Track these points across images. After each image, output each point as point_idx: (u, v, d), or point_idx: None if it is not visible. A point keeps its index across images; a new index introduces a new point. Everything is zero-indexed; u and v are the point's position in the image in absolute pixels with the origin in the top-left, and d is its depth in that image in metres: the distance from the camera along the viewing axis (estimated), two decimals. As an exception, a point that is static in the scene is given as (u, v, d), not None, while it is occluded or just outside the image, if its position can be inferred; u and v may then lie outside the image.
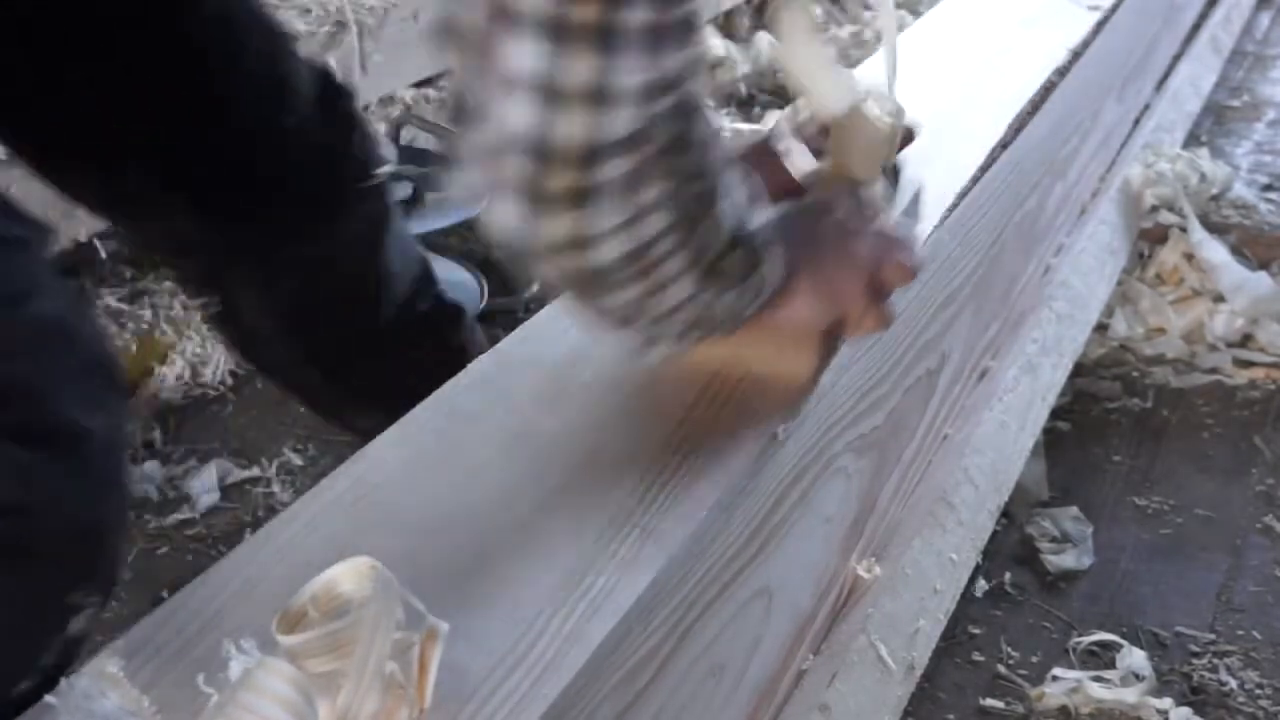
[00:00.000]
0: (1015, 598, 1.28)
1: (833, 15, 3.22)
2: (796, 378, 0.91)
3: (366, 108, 2.21)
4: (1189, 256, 1.76)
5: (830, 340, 0.92)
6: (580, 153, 0.65)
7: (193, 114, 1.03)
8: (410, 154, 1.82)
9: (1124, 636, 1.21)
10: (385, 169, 1.17)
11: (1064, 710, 1.14)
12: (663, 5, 0.63)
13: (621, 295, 0.74)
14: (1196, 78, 2.33)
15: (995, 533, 1.27)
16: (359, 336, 1.24)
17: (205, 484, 1.45)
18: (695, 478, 0.81)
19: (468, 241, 1.90)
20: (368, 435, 0.85)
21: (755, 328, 0.84)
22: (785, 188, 0.90)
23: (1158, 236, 1.80)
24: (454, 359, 0.98)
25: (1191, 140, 2.22)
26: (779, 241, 0.81)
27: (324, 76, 1.14)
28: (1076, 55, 1.67)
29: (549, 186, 0.66)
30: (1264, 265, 1.78)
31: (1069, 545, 1.33)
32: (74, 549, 0.76)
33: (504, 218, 0.69)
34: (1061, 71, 1.60)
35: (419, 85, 2.32)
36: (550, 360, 0.92)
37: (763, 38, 2.89)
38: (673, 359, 0.86)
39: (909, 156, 1.03)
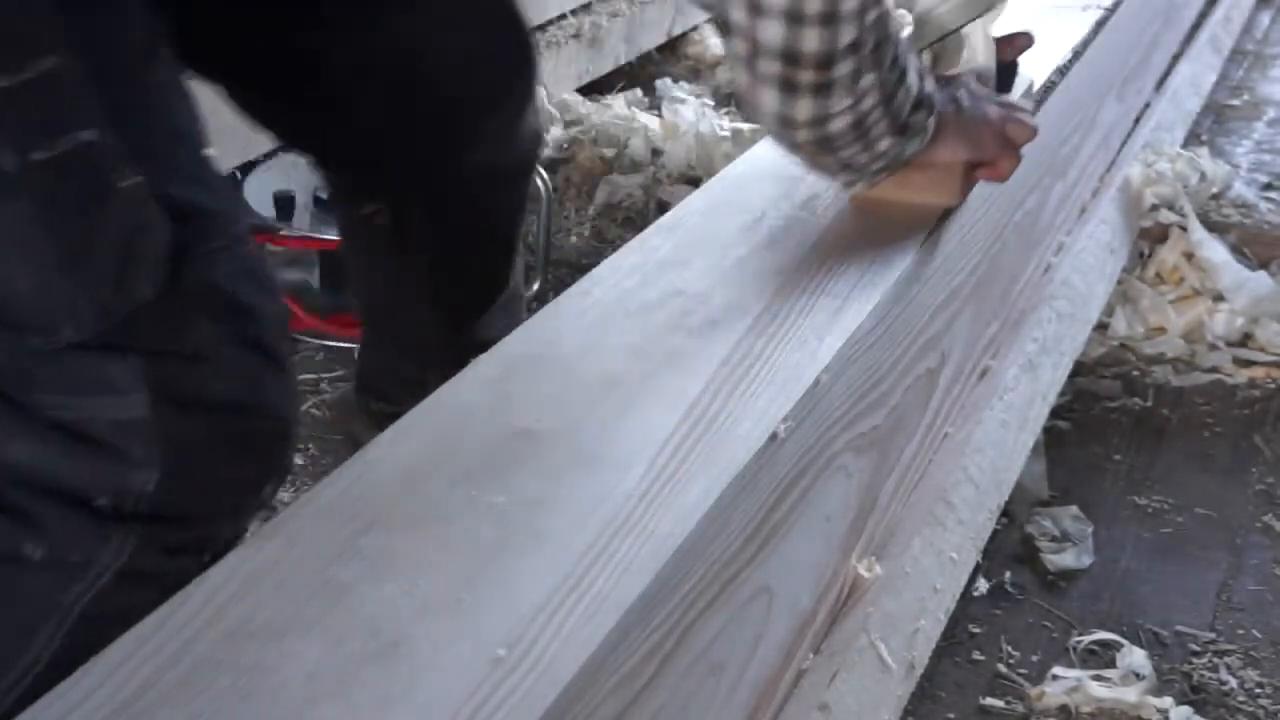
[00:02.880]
0: (1015, 597, 1.28)
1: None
2: (946, 200, 1.18)
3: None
4: (1189, 256, 1.76)
5: (970, 178, 1.18)
6: (819, 59, 0.93)
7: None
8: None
9: (1124, 635, 1.22)
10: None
11: (1064, 709, 1.14)
12: None
13: (845, 153, 1.03)
14: (1196, 77, 2.33)
15: (995, 532, 1.27)
16: (494, 286, 1.32)
17: (205, 483, 1.45)
18: (695, 477, 0.81)
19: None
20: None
21: (916, 164, 1.11)
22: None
23: (1158, 236, 1.80)
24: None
25: (1192, 139, 2.22)
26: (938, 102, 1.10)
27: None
28: (1077, 54, 1.67)
29: (799, 81, 0.95)
30: (1264, 264, 1.79)
31: (1069, 544, 1.33)
32: (277, 447, 0.90)
33: (764, 103, 0.98)
34: (1062, 71, 1.60)
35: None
36: (551, 359, 0.92)
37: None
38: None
39: (1022, 61, 1.32)
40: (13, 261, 0.78)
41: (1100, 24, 1.79)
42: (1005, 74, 1.29)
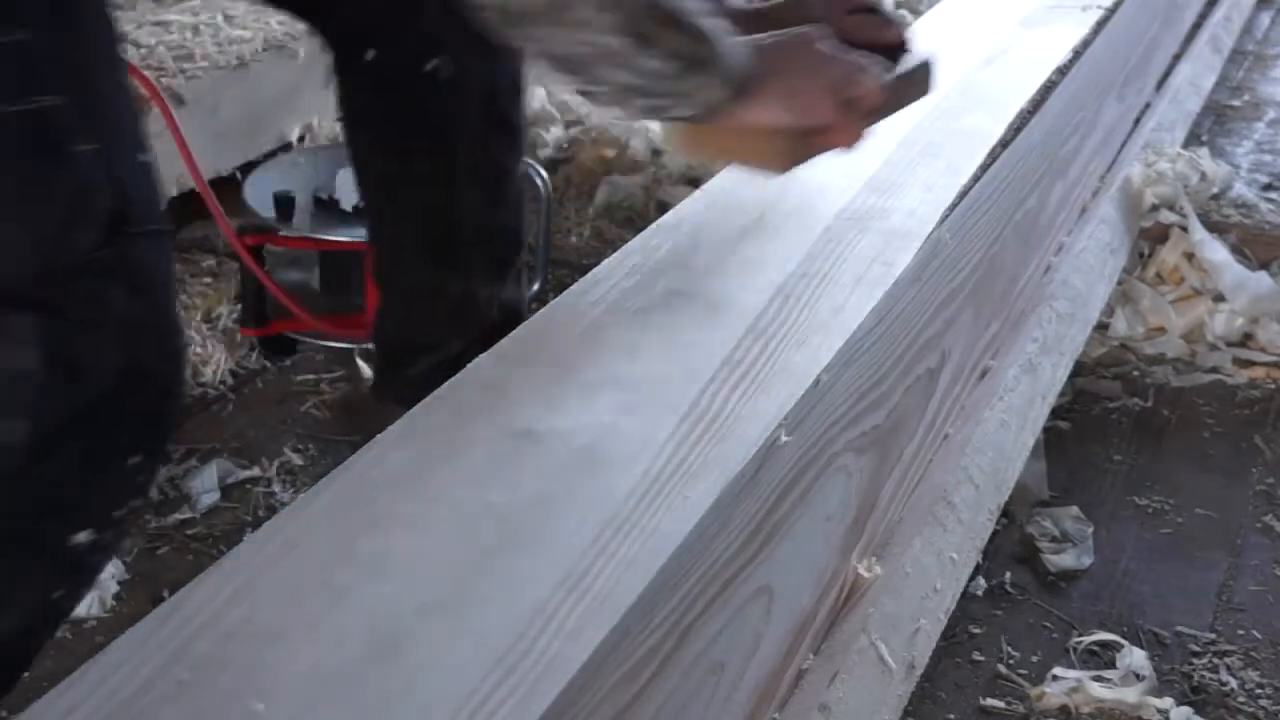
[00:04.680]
0: (1015, 597, 1.28)
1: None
2: (773, 168, 1.08)
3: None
4: (1189, 256, 1.76)
5: (805, 145, 1.05)
6: None
7: None
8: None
9: (1124, 636, 1.22)
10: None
11: (1064, 710, 1.14)
12: None
13: (538, 33, 0.89)
14: (1197, 77, 2.33)
15: (995, 532, 1.27)
16: (514, 251, 1.32)
17: (206, 484, 1.45)
18: (695, 477, 0.81)
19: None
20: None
21: (729, 123, 0.99)
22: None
23: (1158, 236, 1.80)
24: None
25: (1192, 139, 2.22)
26: (750, 50, 0.96)
27: None
28: (1077, 54, 1.67)
29: None
30: (1264, 264, 1.78)
31: (1069, 545, 1.33)
32: (152, 430, 0.89)
33: None
34: (1062, 70, 1.60)
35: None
36: (551, 359, 0.92)
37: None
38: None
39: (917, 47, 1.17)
40: None
41: (1100, 24, 1.79)
42: (891, 56, 1.14)
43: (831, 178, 1.23)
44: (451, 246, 1.30)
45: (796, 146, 1.05)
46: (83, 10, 0.86)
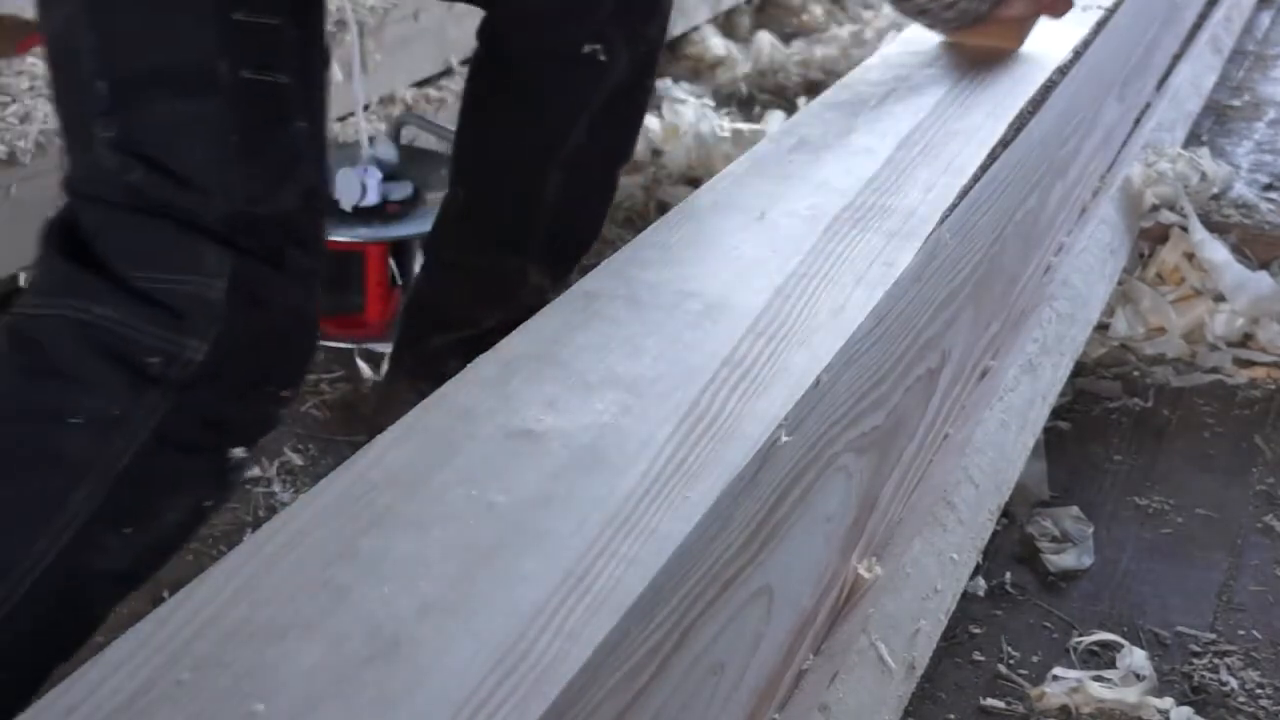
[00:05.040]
0: (1015, 597, 1.28)
1: (833, 15, 3.22)
2: (1012, 44, 1.54)
3: (367, 107, 2.21)
4: (1190, 256, 1.76)
5: (1030, 27, 1.54)
6: None
7: None
8: (410, 154, 1.82)
9: (1124, 636, 1.21)
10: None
11: (1064, 710, 1.14)
12: None
13: None
14: (1197, 77, 2.33)
15: (995, 532, 1.27)
16: (593, 233, 1.44)
17: (206, 484, 1.45)
18: (695, 477, 0.81)
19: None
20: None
21: (988, 20, 1.46)
22: None
23: (1158, 236, 1.80)
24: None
25: (1192, 139, 2.22)
26: None
27: None
28: (1077, 54, 1.67)
29: None
30: (1264, 265, 1.78)
31: (1069, 545, 1.33)
32: (304, 358, 1.06)
33: None
34: (1062, 70, 1.60)
35: (419, 85, 2.32)
36: (551, 359, 0.92)
37: (763, 37, 2.89)
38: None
39: None
40: (199, 137, 0.96)
41: (1101, 24, 1.79)
42: None
43: (832, 176, 1.23)
44: (526, 232, 1.37)
45: (1027, 28, 1.53)
46: (317, 11, 1.04)
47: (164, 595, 1.25)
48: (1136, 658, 1.18)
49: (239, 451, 1.01)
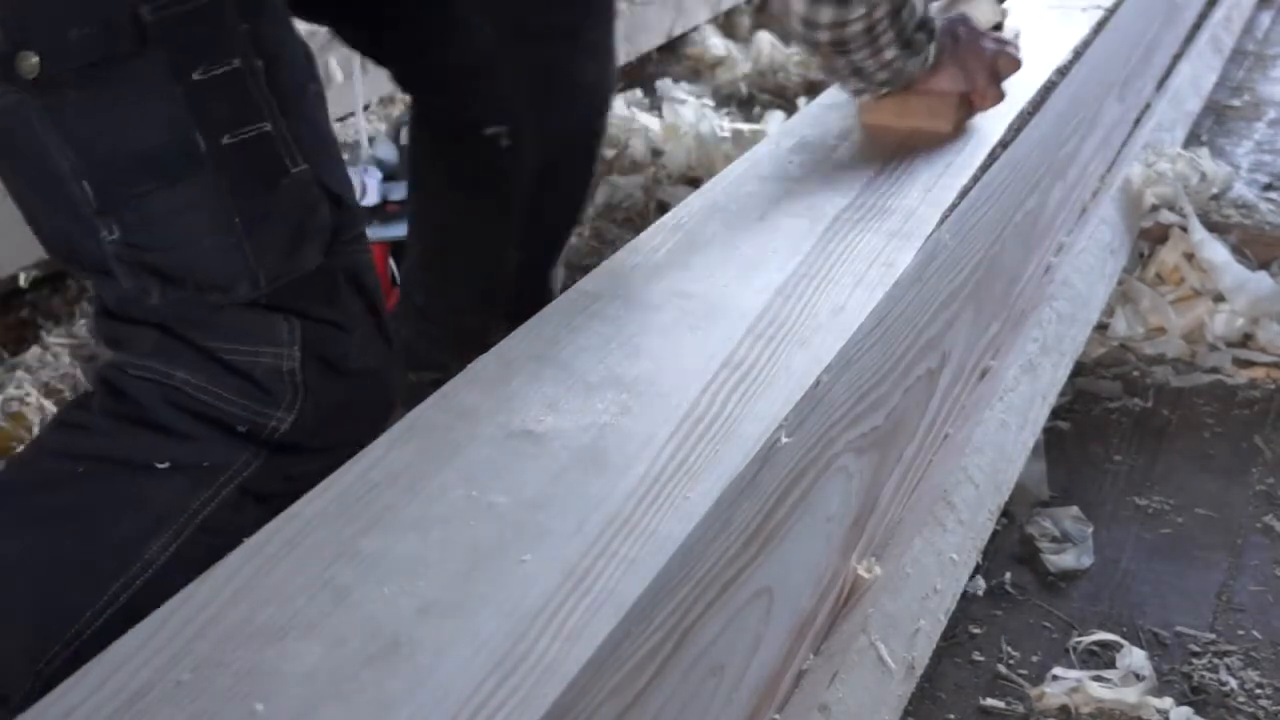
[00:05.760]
0: (1015, 597, 1.28)
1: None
2: (943, 126, 1.34)
3: (367, 107, 2.21)
4: (1189, 256, 1.76)
5: (964, 107, 1.35)
6: None
7: None
8: (410, 154, 1.82)
9: (1124, 636, 1.21)
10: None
11: (1064, 710, 1.14)
12: None
13: (857, 56, 1.23)
14: (1197, 77, 2.33)
15: (995, 532, 1.27)
16: (571, 221, 1.45)
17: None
18: (695, 477, 0.81)
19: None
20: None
21: (916, 90, 1.31)
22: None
23: (1158, 236, 1.80)
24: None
25: (1192, 139, 2.22)
26: (937, 32, 1.29)
27: None
28: (1077, 54, 1.67)
29: None
30: (1264, 265, 1.78)
31: (1069, 545, 1.33)
32: (384, 413, 1.01)
33: (794, 6, 1.17)
34: (1062, 71, 1.60)
35: (419, 85, 2.32)
36: (551, 359, 0.92)
37: (763, 37, 2.89)
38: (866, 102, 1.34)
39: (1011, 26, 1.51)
40: (202, 227, 0.91)
41: (1100, 24, 1.79)
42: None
43: (832, 177, 1.23)
44: (487, 299, 1.41)
45: (961, 107, 1.34)
46: (277, 29, 0.95)
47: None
48: (1136, 658, 1.18)
49: None
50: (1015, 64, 1.35)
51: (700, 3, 2.99)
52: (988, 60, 1.32)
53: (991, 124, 1.37)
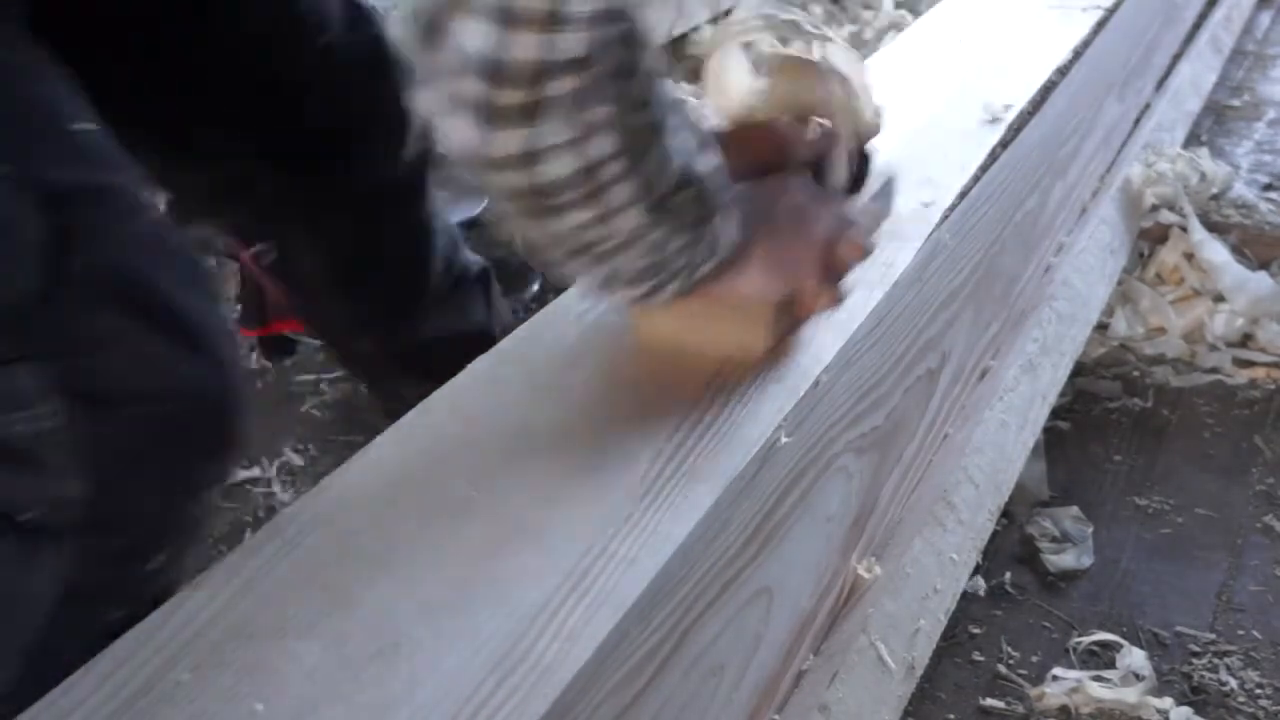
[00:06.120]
0: (1015, 597, 1.28)
1: (833, 15, 3.22)
2: (749, 351, 0.91)
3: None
4: (1189, 256, 1.76)
5: (786, 316, 0.93)
6: (531, 70, 0.68)
7: (225, 51, 1.06)
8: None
9: (1124, 636, 1.21)
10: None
11: (1064, 710, 1.14)
12: None
13: (571, 218, 0.75)
14: (1197, 77, 2.33)
15: (995, 532, 1.27)
16: (409, 295, 1.28)
17: (206, 484, 1.45)
18: (695, 477, 0.81)
19: (468, 241, 1.89)
20: (411, 406, 0.87)
21: (710, 296, 0.86)
22: (758, 167, 0.92)
23: (1158, 236, 1.80)
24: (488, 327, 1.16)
25: (1192, 140, 2.22)
26: (736, 208, 0.84)
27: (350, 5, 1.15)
28: (1077, 54, 1.67)
29: (501, 102, 0.69)
30: (1264, 265, 1.78)
31: (1069, 545, 1.33)
32: (209, 427, 0.82)
33: (459, 134, 0.72)
34: (1062, 71, 1.60)
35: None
36: (550, 358, 0.92)
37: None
38: (637, 314, 0.92)
39: (878, 147, 1.10)
40: None
41: (1100, 24, 1.79)
42: (859, 166, 1.02)
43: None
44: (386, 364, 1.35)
45: (780, 318, 0.92)
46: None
47: (164, 595, 1.25)
48: (1136, 658, 1.18)
49: (157, 562, 0.82)
50: (859, 254, 0.92)
51: (700, 3, 2.99)
52: (820, 248, 0.89)
53: (991, 125, 1.37)
